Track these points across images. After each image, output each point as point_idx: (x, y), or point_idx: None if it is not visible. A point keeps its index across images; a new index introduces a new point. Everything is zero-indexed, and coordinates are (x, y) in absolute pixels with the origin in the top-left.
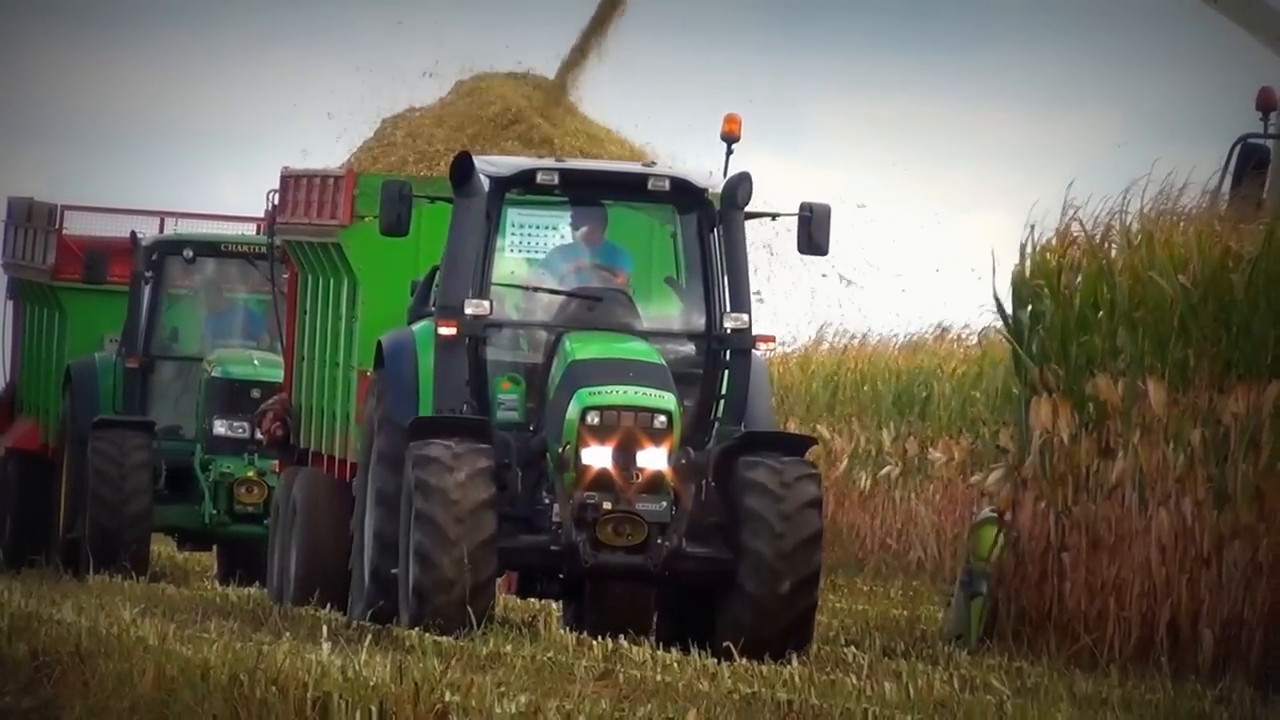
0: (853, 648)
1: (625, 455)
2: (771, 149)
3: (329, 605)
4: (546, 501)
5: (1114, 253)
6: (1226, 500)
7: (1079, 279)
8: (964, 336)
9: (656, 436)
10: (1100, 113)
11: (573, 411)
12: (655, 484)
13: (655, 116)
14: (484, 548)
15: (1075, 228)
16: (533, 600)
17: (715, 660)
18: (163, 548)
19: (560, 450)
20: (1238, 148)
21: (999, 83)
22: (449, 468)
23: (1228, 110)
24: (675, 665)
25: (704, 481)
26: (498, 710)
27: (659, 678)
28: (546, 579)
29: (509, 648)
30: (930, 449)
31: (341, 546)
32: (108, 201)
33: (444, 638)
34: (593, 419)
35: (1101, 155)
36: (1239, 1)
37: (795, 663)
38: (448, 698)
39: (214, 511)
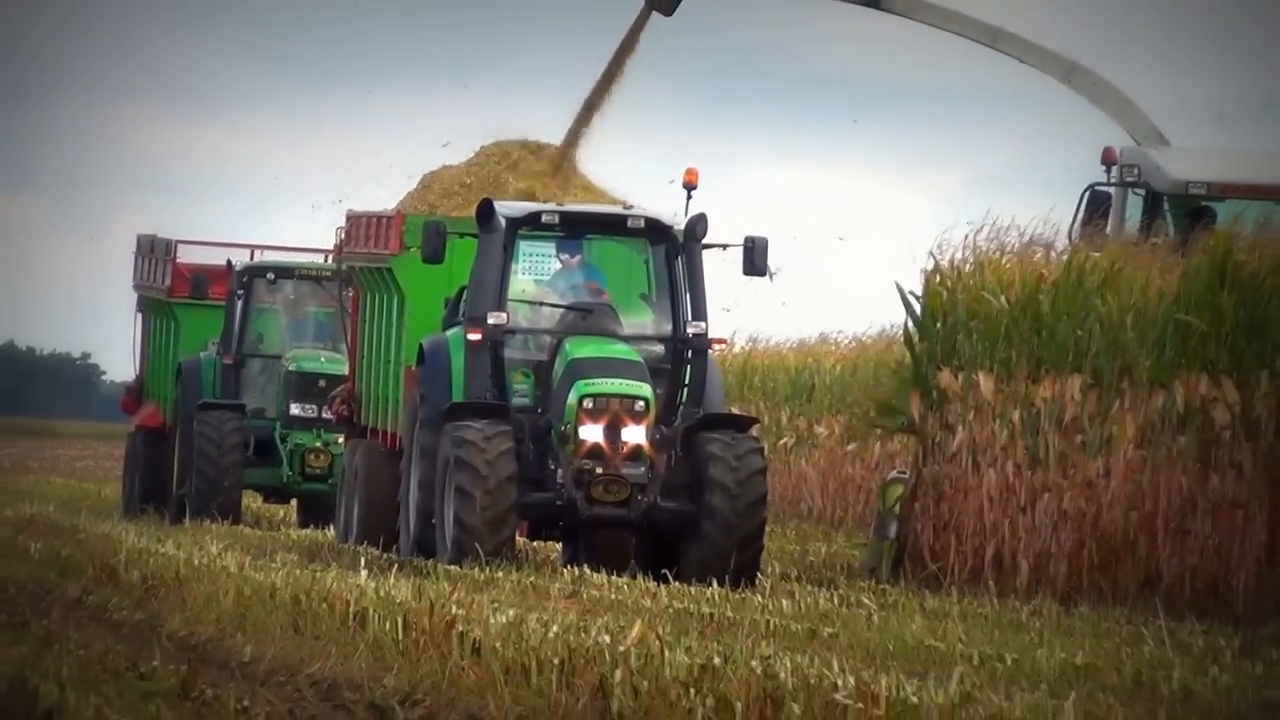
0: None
1: (613, 432)
2: (720, 195)
3: (383, 543)
4: (552, 467)
5: (957, 278)
6: (1038, 464)
7: (924, 298)
8: (840, 340)
9: (637, 417)
10: (971, 167)
11: (572, 398)
12: (636, 454)
13: (632, 170)
14: (503, 518)
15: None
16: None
17: (656, 584)
18: (250, 501)
19: (562, 428)
20: (1087, 194)
21: (888, 147)
22: (478, 453)
23: (1079, 165)
24: (625, 587)
25: (673, 451)
26: (492, 621)
27: (613, 596)
28: (550, 526)
29: (500, 574)
30: (816, 425)
31: (393, 500)
32: (209, 237)
33: (452, 567)
34: (588, 404)
35: (973, 200)
36: (1088, 81)
37: (715, 585)
38: (455, 611)
39: (290, 473)
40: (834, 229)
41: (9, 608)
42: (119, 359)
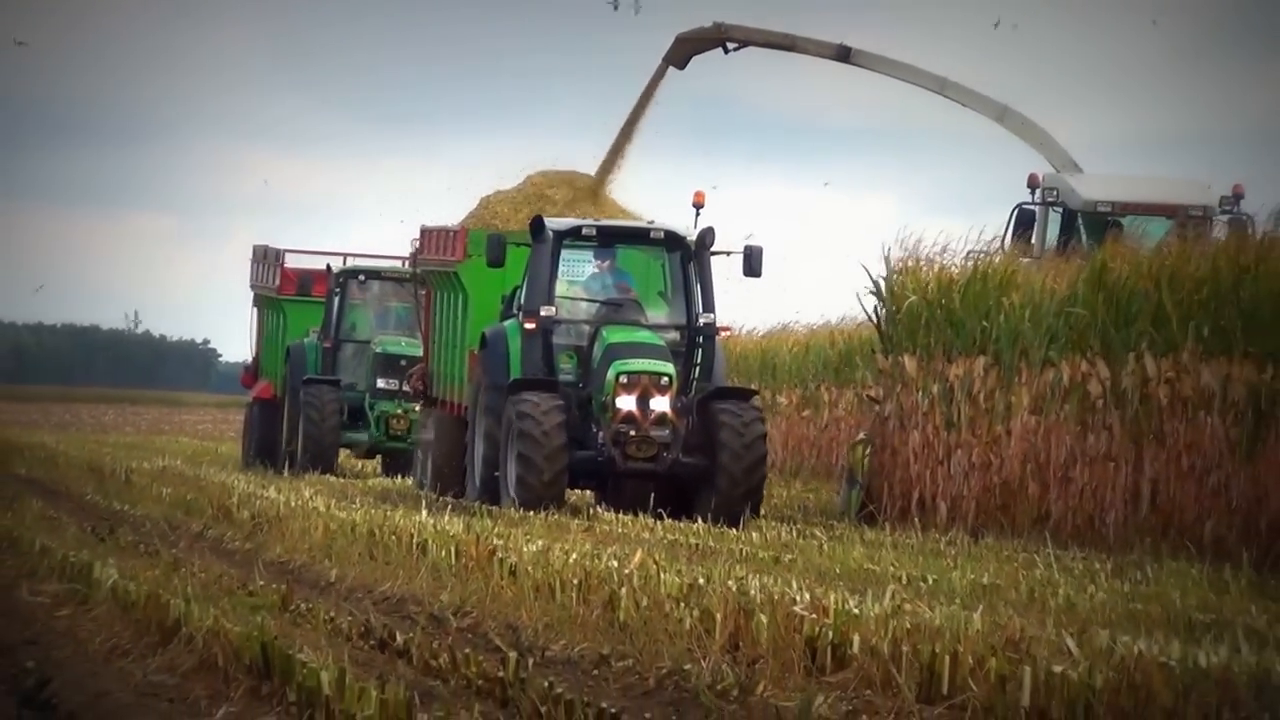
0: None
1: (643, 402)
2: (721, 212)
3: (441, 488)
4: (594, 430)
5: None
6: (953, 426)
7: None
8: (796, 329)
9: (662, 390)
10: (920, 189)
11: (610, 375)
12: (661, 419)
13: (652, 193)
14: (557, 472)
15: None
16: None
17: (653, 520)
18: (343, 457)
19: (602, 399)
20: (1016, 212)
21: (856, 173)
22: (535, 419)
23: (1009, 188)
24: (629, 523)
25: (690, 417)
26: (525, 549)
27: (620, 530)
28: (587, 478)
29: (531, 514)
30: (778, 395)
31: (459, 456)
32: (311, 247)
33: (494, 507)
34: (623, 379)
35: (921, 217)
36: (1017, 121)
37: (700, 521)
38: (495, 541)
39: (377, 434)
40: (810, 241)
41: (145, 539)
42: (233, 344)
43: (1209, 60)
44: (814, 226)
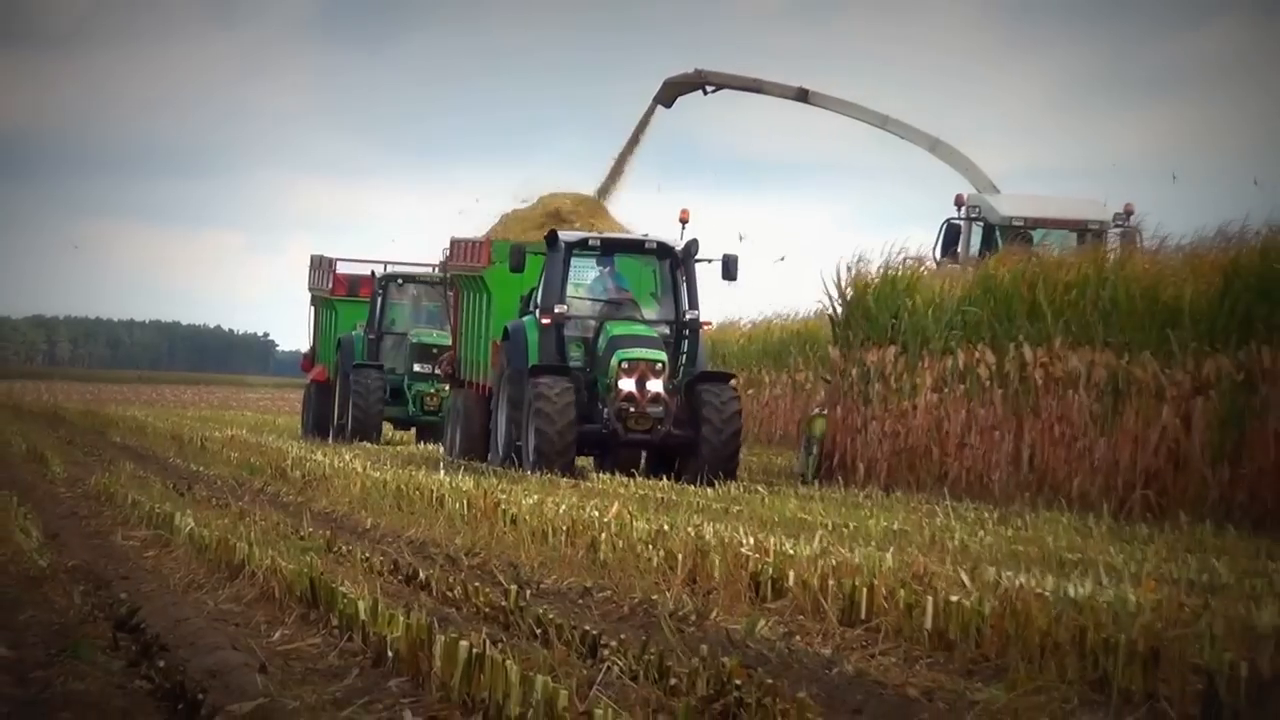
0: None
1: (641, 384)
2: (704, 226)
3: (457, 451)
4: (600, 408)
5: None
6: (869, 402)
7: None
8: (741, 324)
9: (657, 374)
10: (865, 208)
11: (614, 361)
12: (656, 398)
13: (645, 210)
14: (569, 442)
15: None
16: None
17: (627, 478)
18: (386, 429)
19: (606, 381)
20: (944, 226)
21: (808, 196)
22: (551, 398)
23: (938, 206)
24: (609, 480)
25: (679, 396)
26: (523, 501)
27: (601, 486)
28: (590, 447)
29: (528, 474)
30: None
31: (483, 429)
32: (359, 256)
33: (499, 468)
34: (624, 365)
35: (869, 233)
36: (947, 151)
37: (664, 479)
38: (500, 496)
39: (414, 410)
40: (770, 252)
41: (217, 494)
42: (289, 336)
43: (1106, 102)
44: (767, 238)
